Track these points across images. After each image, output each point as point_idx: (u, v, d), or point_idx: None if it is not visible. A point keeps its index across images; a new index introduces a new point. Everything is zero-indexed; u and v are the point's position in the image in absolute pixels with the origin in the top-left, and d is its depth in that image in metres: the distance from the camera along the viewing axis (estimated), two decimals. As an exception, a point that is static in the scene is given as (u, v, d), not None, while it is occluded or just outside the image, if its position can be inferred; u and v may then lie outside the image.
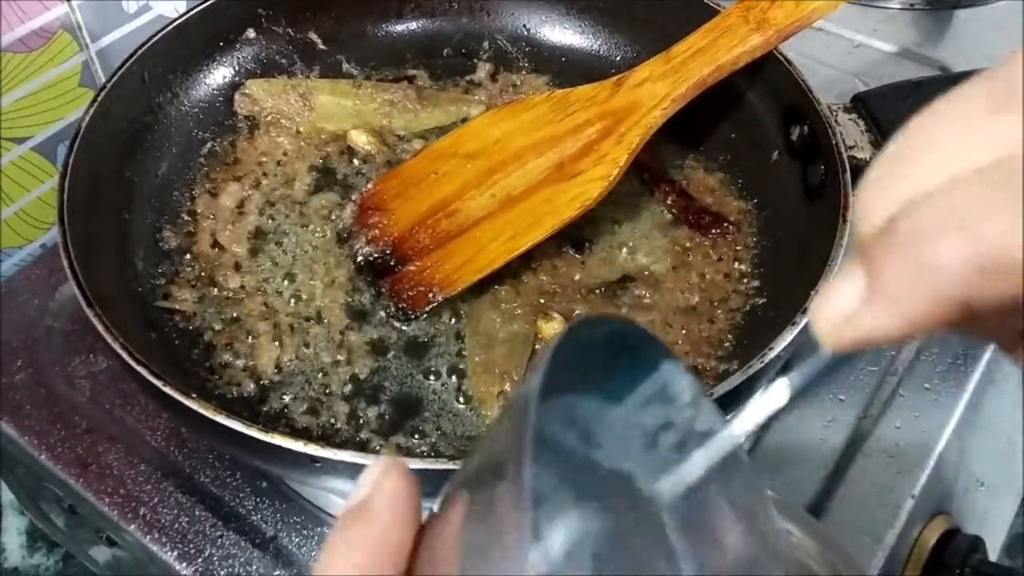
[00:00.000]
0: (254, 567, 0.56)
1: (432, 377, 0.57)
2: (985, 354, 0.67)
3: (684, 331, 0.59)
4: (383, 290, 0.61)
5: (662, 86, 0.60)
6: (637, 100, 0.61)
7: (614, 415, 0.28)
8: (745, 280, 0.62)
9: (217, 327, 0.59)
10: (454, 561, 0.24)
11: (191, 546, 0.56)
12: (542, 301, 0.61)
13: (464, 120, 0.72)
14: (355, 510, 0.27)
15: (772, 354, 0.48)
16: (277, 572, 0.56)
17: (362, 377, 0.57)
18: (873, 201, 0.20)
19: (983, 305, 0.19)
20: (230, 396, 0.56)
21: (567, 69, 0.75)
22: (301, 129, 0.70)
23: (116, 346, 0.47)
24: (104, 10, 0.74)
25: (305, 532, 0.57)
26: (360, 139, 0.70)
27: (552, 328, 0.59)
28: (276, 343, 0.58)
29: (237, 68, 0.71)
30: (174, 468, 0.60)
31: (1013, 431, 0.73)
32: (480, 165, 0.63)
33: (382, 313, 0.60)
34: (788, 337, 0.48)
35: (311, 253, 0.63)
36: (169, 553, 0.56)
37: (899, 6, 0.94)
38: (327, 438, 0.54)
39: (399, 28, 0.76)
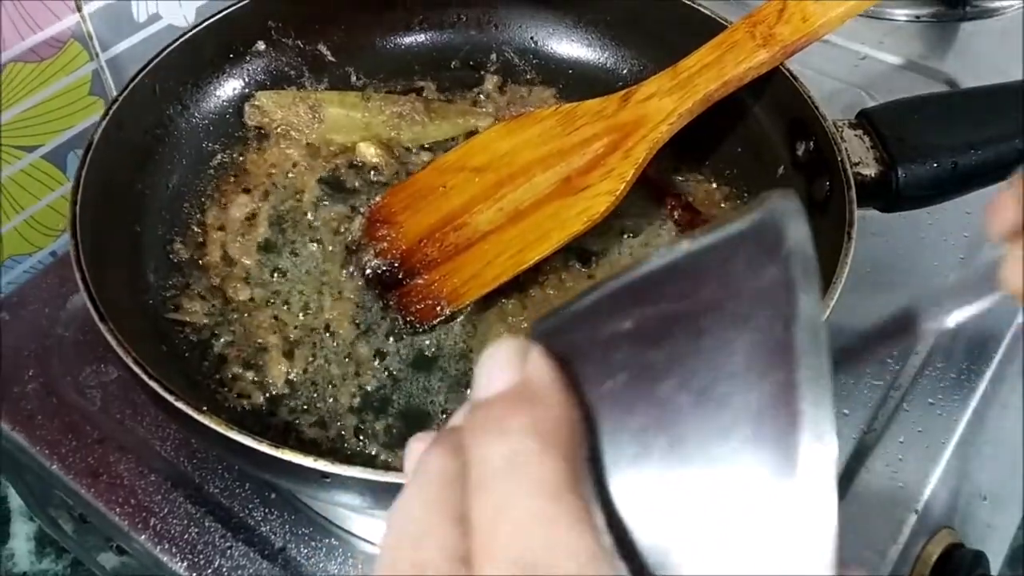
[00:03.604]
0: (262, 578, 0.56)
1: (440, 390, 0.58)
2: (989, 368, 0.67)
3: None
4: (391, 303, 0.61)
5: (669, 101, 0.60)
6: (644, 115, 0.61)
7: None
8: (750, 294, 0.62)
9: (227, 339, 0.60)
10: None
11: (200, 557, 0.57)
12: (549, 314, 0.61)
13: (472, 132, 0.72)
14: (512, 394, 0.20)
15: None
16: (285, 583, 0.56)
17: (370, 390, 0.58)
18: None
19: None
20: (240, 409, 0.56)
21: (574, 82, 0.75)
22: (310, 141, 0.71)
23: (128, 360, 0.47)
24: (114, 20, 0.74)
25: (314, 544, 0.57)
26: (369, 151, 0.70)
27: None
28: (286, 356, 0.59)
29: (247, 80, 0.71)
30: (184, 479, 0.60)
31: (1016, 445, 0.73)
32: (488, 179, 0.63)
33: (390, 326, 0.61)
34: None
35: (320, 265, 0.64)
36: (179, 564, 0.56)
37: (905, 18, 0.94)
38: (335, 452, 0.54)
39: (407, 40, 0.76)
